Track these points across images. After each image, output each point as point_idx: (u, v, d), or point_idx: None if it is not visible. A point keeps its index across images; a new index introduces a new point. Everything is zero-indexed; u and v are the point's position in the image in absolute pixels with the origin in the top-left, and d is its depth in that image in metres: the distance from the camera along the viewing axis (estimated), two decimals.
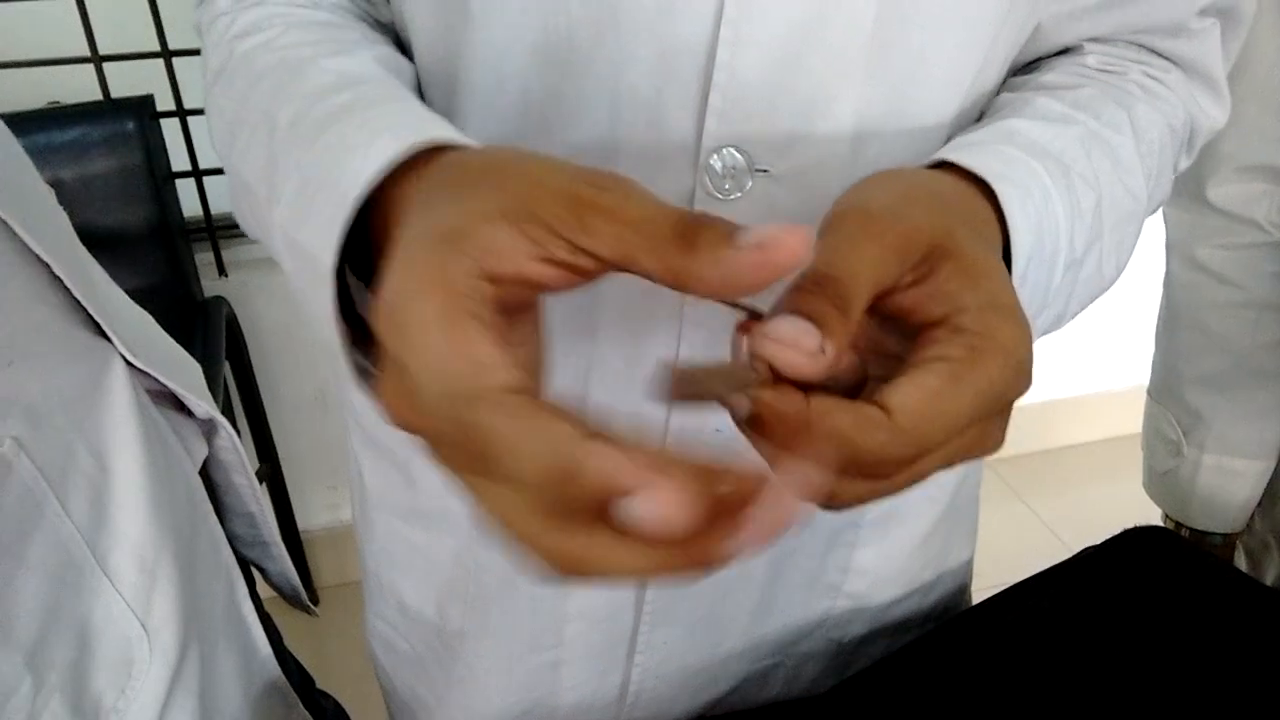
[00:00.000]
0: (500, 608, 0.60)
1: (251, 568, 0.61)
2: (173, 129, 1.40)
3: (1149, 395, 0.90)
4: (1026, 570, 0.67)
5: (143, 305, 0.53)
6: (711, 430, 0.51)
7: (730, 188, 0.44)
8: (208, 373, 0.56)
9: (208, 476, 0.54)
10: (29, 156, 0.47)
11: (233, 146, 0.44)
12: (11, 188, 0.42)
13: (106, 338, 0.45)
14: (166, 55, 1.35)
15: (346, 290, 0.37)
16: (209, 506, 0.52)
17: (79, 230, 0.49)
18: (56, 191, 0.48)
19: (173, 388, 0.49)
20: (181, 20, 1.34)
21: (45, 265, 0.42)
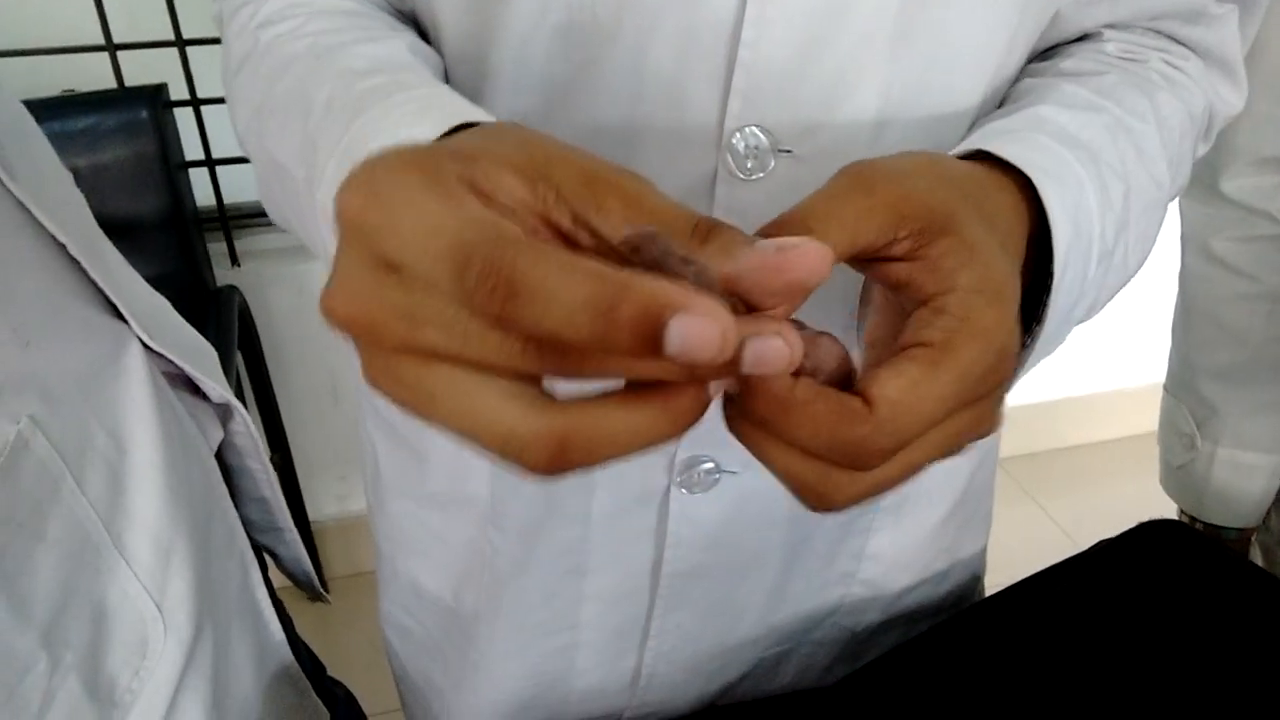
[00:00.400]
0: (515, 591, 0.60)
1: (265, 554, 0.62)
2: (186, 118, 1.41)
3: (1165, 390, 0.89)
4: (1036, 570, 0.67)
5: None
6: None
7: (753, 167, 0.44)
8: (220, 362, 0.56)
9: (222, 461, 0.54)
10: None
11: (262, 131, 0.44)
12: (30, 171, 0.43)
13: (123, 320, 0.45)
14: (180, 44, 1.35)
15: None
16: (224, 490, 0.52)
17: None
18: (73, 180, 0.49)
19: (189, 371, 0.49)
20: (195, 9, 1.34)
21: (62, 247, 0.42)
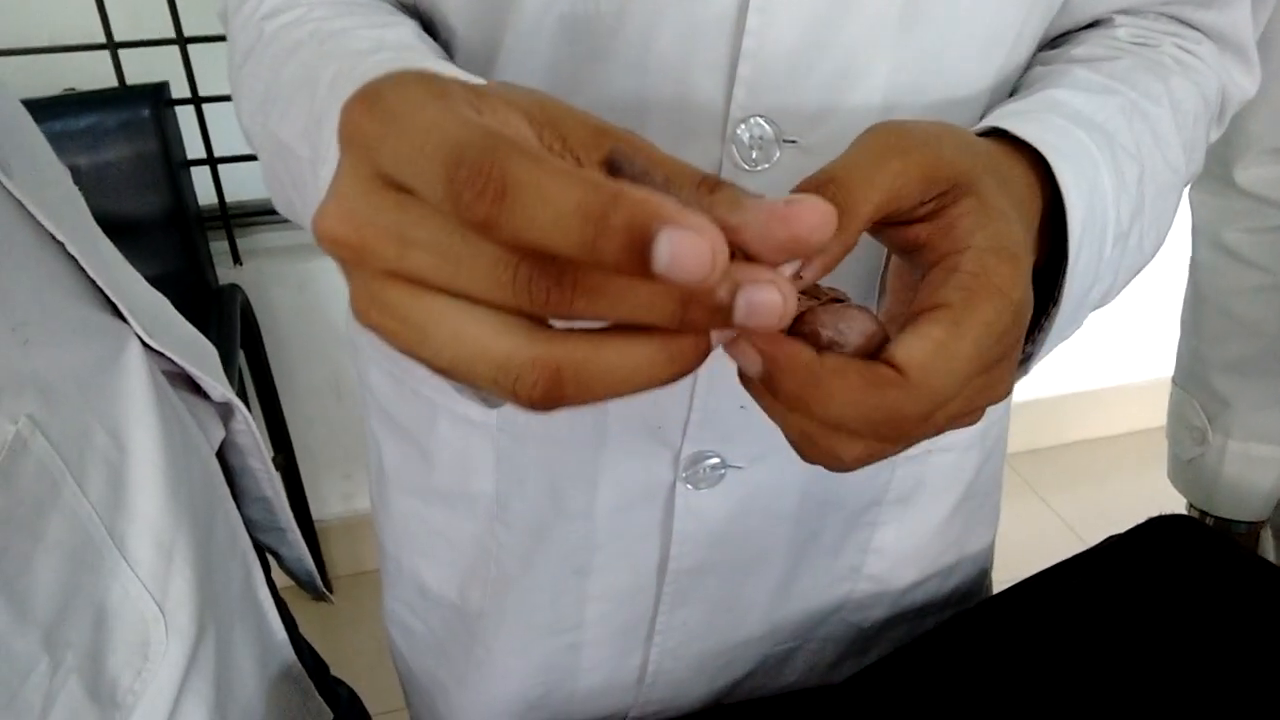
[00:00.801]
0: (521, 589, 0.60)
1: (267, 554, 0.61)
2: (188, 116, 1.40)
3: (1174, 383, 0.88)
4: (1042, 567, 0.66)
5: (158, 292, 0.53)
6: (737, 407, 0.51)
7: (758, 158, 0.44)
8: (222, 361, 0.56)
9: (224, 460, 0.54)
10: None
11: (267, 117, 0.44)
12: (27, 169, 0.42)
13: (123, 318, 0.45)
14: (182, 42, 1.35)
15: None
16: (226, 489, 0.51)
17: (94, 217, 0.48)
18: (72, 178, 0.48)
19: (189, 370, 0.48)
20: (197, 7, 1.34)
21: (61, 245, 0.42)
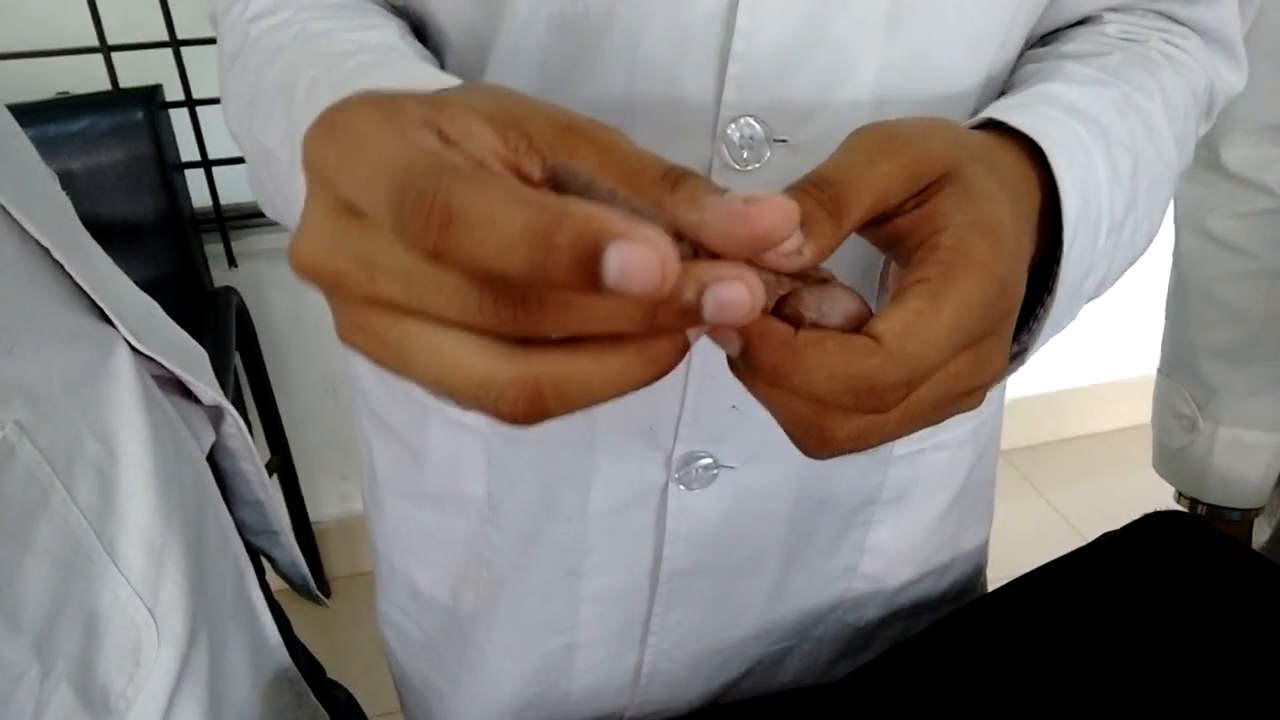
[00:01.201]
0: (514, 591, 0.60)
1: (261, 557, 0.61)
2: (182, 119, 1.40)
3: (1159, 373, 0.88)
4: (1040, 562, 0.66)
5: (152, 296, 0.53)
6: (729, 407, 0.51)
7: (748, 158, 0.43)
8: (218, 364, 0.56)
9: (215, 464, 0.54)
10: (37, 147, 0.47)
11: (252, 120, 0.44)
12: (11, 173, 0.42)
13: (111, 323, 0.44)
14: (175, 45, 1.34)
15: None
16: (217, 493, 0.51)
17: (87, 221, 0.48)
18: (65, 182, 0.48)
19: (178, 373, 0.48)
20: (190, 9, 1.34)
21: (46, 250, 0.41)
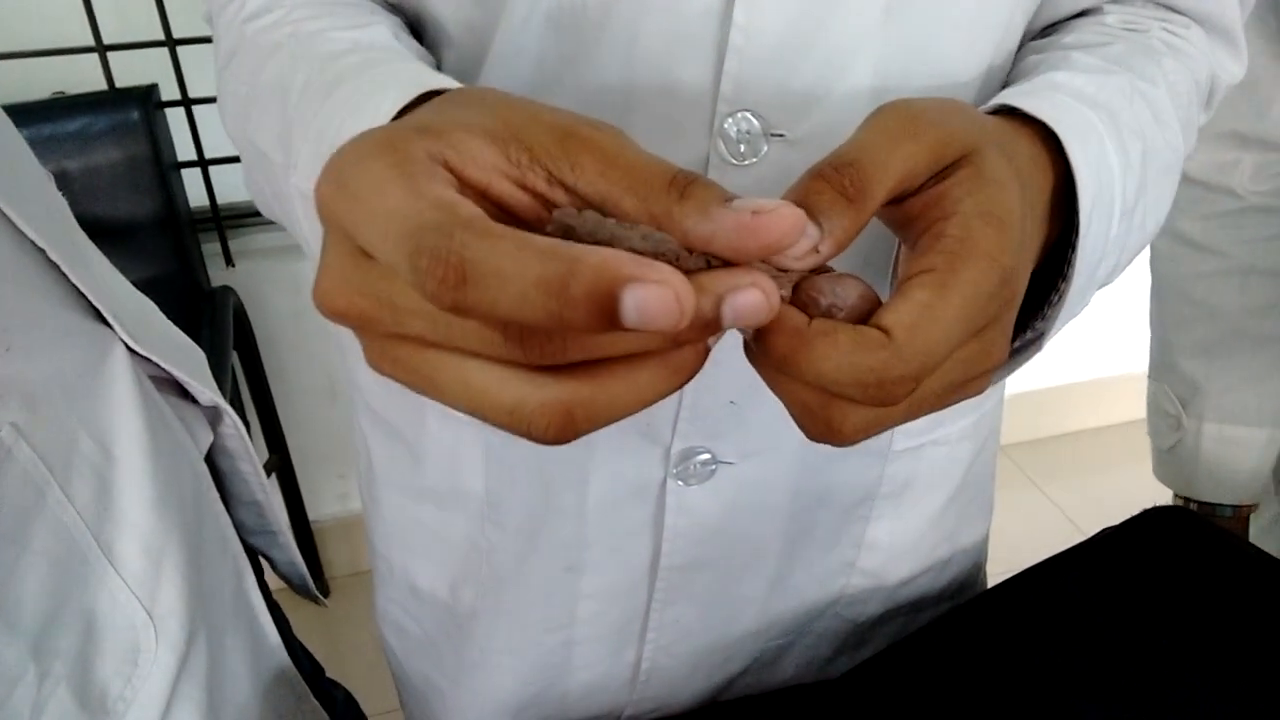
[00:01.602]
0: (513, 588, 0.60)
1: (260, 557, 0.61)
2: (178, 119, 1.40)
3: (1149, 377, 0.90)
4: (1041, 557, 0.66)
5: (150, 296, 0.53)
6: (726, 403, 0.51)
7: (745, 153, 0.43)
8: (216, 363, 0.55)
9: (213, 464, 0.54)
10: (33, 147, 0.46)
11: (247, 122, 0.44)
12: (5, 173, 0.42)
13: (107, 323, 0.44)
14: (171, 44, 1.34)
15: None
16: (215, 494, 0.51)
17: (84, 221, 0.48)
18: (62, 182, 0.48)
19: (175, 374, 0.48)
20: (186, 9, 1.34)
21: (42, 251, 0.41)
